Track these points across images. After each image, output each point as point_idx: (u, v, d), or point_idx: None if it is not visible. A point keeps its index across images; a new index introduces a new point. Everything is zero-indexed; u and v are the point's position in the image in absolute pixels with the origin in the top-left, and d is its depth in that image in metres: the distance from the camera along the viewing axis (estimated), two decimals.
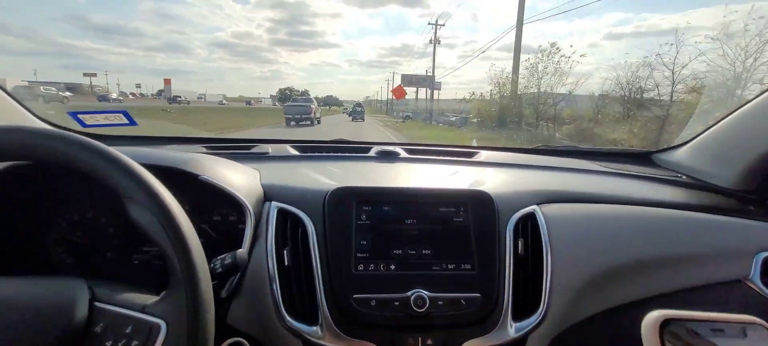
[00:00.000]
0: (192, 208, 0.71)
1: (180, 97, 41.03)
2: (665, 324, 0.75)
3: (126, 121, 1.10)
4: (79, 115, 1.05)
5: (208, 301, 0.46)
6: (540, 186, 0.87)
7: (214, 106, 40.06)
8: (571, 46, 15.50)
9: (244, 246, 0.68)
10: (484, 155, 1.18)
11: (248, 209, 0.70)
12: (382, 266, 0.69)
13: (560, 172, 1.09)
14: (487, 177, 0.93)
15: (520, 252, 0.73)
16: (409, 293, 0.66)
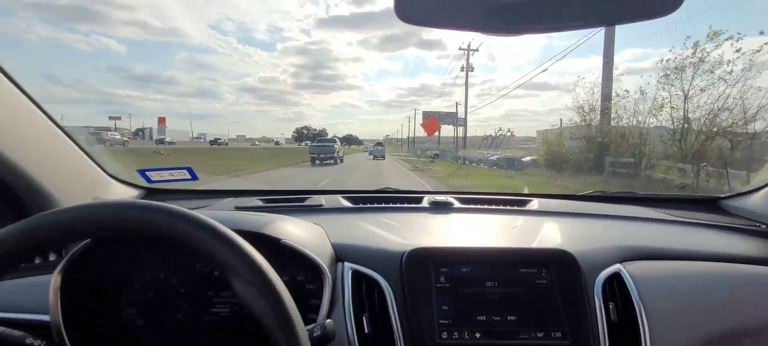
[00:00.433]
0: None
1: (220, 139, 53.41)
2: None
3: (189, 176, 1.14)
4: (147, 172, 1.11)
5: None
6: (616, 241, 0.83)
7: (248, 146, 52.71)
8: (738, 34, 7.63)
9: (321, 312, 0.65)
10: (537, 203, 1.14)
11: (326, 273, 0.68)
12: (466, 333, 0.66)
13: (626, 221, 1.04)
14: (553, 230, 0.90)
15: (612, 318, 0.68)
16: None
